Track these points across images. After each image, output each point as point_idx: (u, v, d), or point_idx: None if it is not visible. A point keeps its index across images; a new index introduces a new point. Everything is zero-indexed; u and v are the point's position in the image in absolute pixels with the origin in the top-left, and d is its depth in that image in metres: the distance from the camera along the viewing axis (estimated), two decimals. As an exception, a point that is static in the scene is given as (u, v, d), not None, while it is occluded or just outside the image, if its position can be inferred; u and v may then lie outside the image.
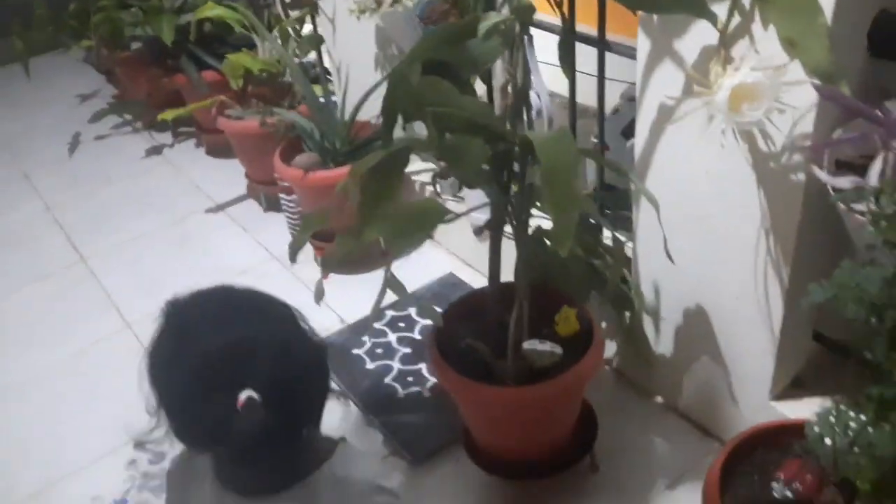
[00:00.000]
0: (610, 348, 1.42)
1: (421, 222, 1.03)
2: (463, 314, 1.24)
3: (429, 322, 1.61)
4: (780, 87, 0.85)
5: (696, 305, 1.20)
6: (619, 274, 1.16)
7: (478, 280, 1.76)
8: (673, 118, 1.06)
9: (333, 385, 0.92)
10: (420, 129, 1.07)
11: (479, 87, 1.48)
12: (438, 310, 1.23)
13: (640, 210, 1.21)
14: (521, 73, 1.03)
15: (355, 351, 1.55)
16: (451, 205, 1.69)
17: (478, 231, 1.13)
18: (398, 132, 1.05)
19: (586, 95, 1.41)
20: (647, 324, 1.31)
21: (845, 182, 0.87)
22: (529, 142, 1.01)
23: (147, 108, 2.62)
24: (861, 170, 0.92)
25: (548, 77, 1.43)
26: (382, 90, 1.01)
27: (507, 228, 1.14)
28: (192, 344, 0.79)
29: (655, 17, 1.04)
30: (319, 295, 1.11)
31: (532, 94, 1.49)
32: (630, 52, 1.16)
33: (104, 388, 1.58)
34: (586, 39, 1.29)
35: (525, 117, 1.07)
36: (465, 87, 1.03)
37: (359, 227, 1.03)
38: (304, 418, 0.85)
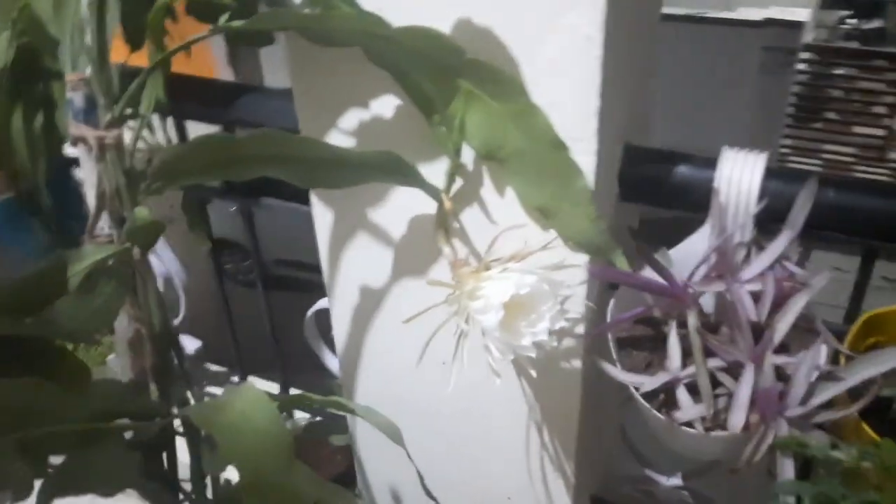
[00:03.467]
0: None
1: None
2: None
3: None
4: (560, 285, 0.61)
5: (454, 508, 0.93)
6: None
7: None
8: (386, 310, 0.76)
9: None
10: None
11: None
12: None
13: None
14: (157, 314, 0.63)
15: None
16: None
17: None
18: None
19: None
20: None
21: (652, 382, 0.67)
22: (196, 428, 0.63)
23: None
24: (642, 342, 0.74)
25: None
26: None
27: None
28: None
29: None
30: None
31: (152, 259, 1.07)
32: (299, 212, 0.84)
33: None
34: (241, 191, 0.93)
35: (181, 368, 0.67)
36: (64, 364, 0.60)
37: None
38: None
